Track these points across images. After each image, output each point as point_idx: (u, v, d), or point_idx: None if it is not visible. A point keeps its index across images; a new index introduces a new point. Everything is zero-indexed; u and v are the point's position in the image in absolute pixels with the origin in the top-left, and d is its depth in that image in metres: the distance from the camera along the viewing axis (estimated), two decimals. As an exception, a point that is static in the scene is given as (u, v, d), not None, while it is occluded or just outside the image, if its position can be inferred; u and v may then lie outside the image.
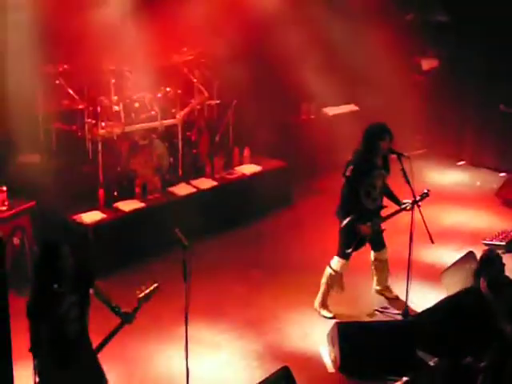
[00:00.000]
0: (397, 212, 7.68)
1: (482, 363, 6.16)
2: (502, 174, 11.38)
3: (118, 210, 8.89)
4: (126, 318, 5.45)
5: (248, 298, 8.08)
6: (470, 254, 7.91)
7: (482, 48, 11.38)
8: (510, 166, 11.41)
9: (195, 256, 6.09)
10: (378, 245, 7.87)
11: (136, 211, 8.91)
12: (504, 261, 6.90)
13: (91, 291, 5.32)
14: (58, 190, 8.49)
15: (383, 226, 7.77)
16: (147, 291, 5.56)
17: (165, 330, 7.31)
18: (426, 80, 12.33)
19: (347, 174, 7.46)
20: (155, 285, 5.61)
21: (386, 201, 7.74)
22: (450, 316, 6.54)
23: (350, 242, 7.53)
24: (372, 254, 7.96)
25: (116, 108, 9.20)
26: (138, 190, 9.14)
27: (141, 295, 5.53)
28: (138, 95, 9.44)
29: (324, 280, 7.71)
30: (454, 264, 7.91)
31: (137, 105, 9.37)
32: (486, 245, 8.95)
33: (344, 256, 7.59)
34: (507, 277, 7.00)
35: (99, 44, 8.95)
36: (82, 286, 5.26)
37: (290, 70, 10.69)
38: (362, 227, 7.47)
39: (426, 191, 7.66)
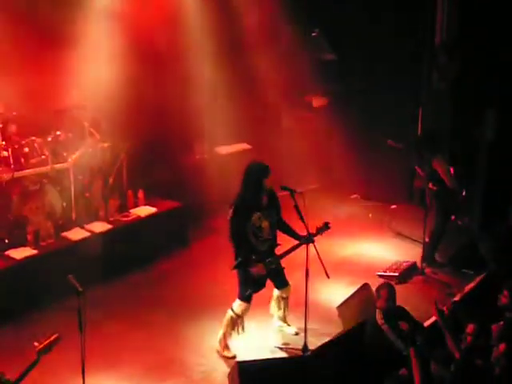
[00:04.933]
0: (293, 249, 7.60)
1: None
2: (393, 206, 11.69)
3: (9, 258, 8.61)
4: None
5: (147, 343, 7.92)
6: (365, 287, 8.07)
7: (365, 84, 11.74)
8: (399, 198, 11.76)
9: (91, 303, 5.98)
10: (281, 283, 7.85)
11: (28, 259, 8.67)
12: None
13: None
14: None
15: (282, 263, 7.71)
16: (46, 342, 5.36)
17: (61, 383, 7.05)
18: (317, 117, 12.57)
19: (229, 216, 7.34)
20: (55, 335, 5.42)
21: (282, 237, 7.77)
22: (347, 349, 6.65)
23: (247, 283, 7.49)
24: (275, 292, 7.97)
25: (4, 153, 8.96)
26: (30, 237, 8.90)
27: (40, 347, 5.32)
28: (28, 140, 9.26)
29: (225, 322, 7.65)
30: (350, 297, 8.03)
31: (26, 149, 9.18)
32: (380, 276, 9.17)
33: (244, 298, 7.55)
34: (401, 307, 7.21)
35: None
36: None
37: (181, 110, 10.73)
38: (252, 270, 7.41)
39: (326, 223, 7.63)
